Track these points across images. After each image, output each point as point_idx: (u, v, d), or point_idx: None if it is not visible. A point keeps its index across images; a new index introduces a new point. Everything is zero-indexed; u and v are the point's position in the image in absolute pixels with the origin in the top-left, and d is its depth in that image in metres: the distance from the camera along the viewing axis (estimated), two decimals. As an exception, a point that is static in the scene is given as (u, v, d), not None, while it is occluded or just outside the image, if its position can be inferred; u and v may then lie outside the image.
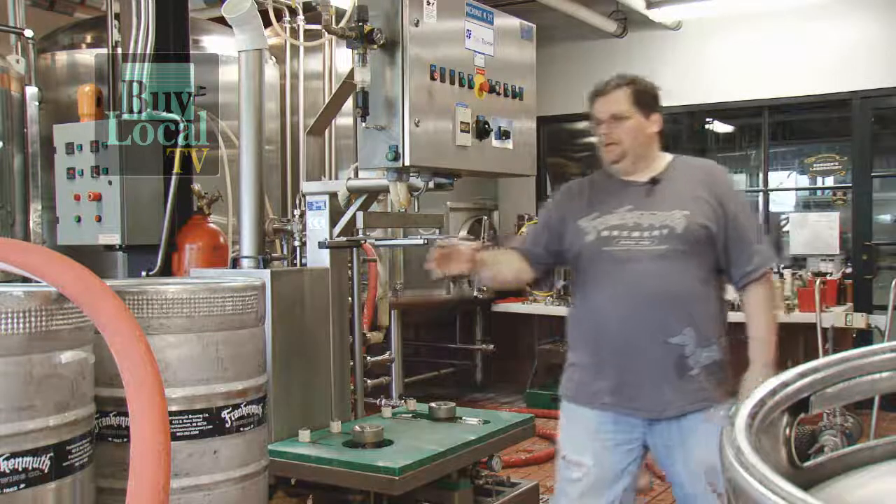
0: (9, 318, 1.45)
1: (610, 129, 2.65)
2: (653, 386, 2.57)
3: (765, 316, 2.66)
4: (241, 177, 3.55)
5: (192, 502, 1.91)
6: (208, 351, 1.94)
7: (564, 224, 2.76)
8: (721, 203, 2.61)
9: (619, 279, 2.60)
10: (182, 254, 3.77)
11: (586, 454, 2.65)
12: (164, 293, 1.92)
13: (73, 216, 3.87)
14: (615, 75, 2.74)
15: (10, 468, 1.45)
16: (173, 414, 1.87)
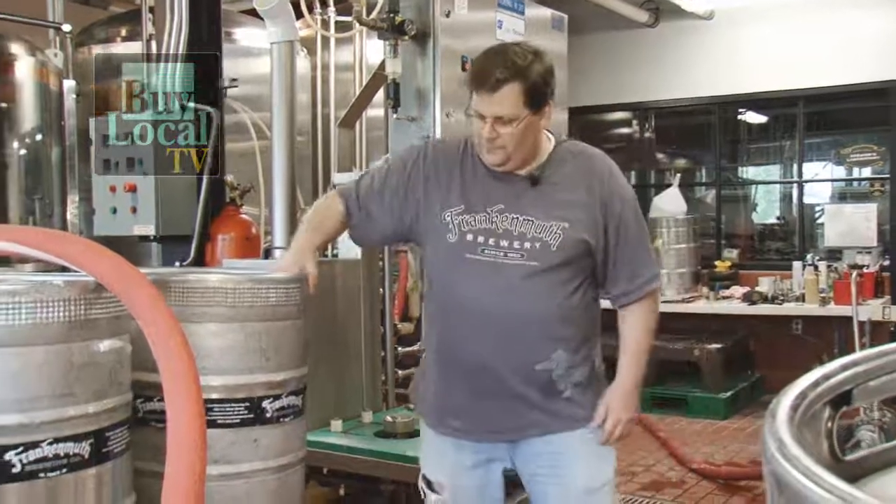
0: (49, 306, 1.47)
1: (494, 131, 2.16)
2: (510, 411, 2.28)
3: (641, 334, 2.36)
4: (273, 168, 3.57)
5: (231, 489, 1.93)
6: (250, 341, 1.94)
7: (422, 204, 2.34)
8: (605, 209, 2.26)
9: (479, 295, 2.24)
10: (215, 244, 3.80)
11: (441, 474, 2.41)
12: (207, 283, 1.93)
13: (108, 207, 3.90)
14: (501, 55, 2.17)
15: (53, 453, 1.48)
16: (215, 402, 1.89)
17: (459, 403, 2.32)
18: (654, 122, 8.58)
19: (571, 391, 2.28)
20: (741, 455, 5.53)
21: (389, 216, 2.37)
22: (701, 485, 4.95)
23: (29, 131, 5.18)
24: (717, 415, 6.48)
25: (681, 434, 6.00)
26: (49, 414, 1.47)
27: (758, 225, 8.59)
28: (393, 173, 2.40)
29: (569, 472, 2.30)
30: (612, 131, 9.13)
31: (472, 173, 2.31)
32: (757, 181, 8.90)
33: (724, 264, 7.57)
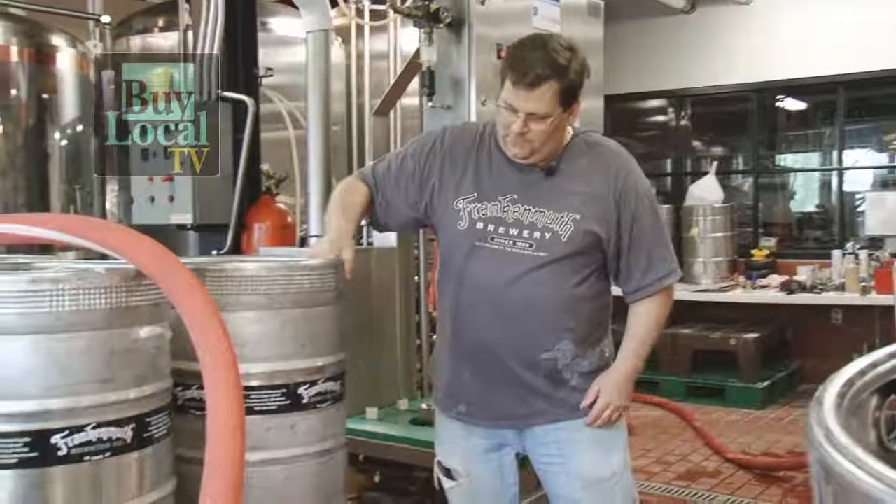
0: (92, 293, 1.49)
1: (525, 126, 2.15)
2: (517, 399, 2.29)
3: (649, 327, 2.34)
4: (308, 157, 3.58)
5: (270, 475, 1.94)
6: (286, 328, 1.95)
7: (436, 192, 2.34)
8: (619, 202, 2.24)
9: (487, 284, 2.25)
10: (251, 233, 3.83)
11: (455, 460, 2.42)
12: (243, 271, 1.94)
13: (146, 197, 3.94)
14: (542, 51, 2.12)
15: (97, 437, 1.50)
16: (252, 389, 1.91)
17: (467, 389, 2.34)
18: (690, 109, 8.49)
19: (578, 380, 2.28)
20: (778, 445, 5.48)
21: (405, 202, 2.38)
22: (737, 475, 4.91)
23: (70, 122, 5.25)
24: (753, 405, 6.42)
25: (717, 424, 5.95)
26: (92, 399, 1.49)
27: (796, 213, 8.47)
28: (409, 159, 2.39)
29: (576, 461, 2.31)
30: (648, 119, 9.05)
31: (488, 161, 2.31)
32: (795, 169, 8.77)
33: (761, 253, 7.47)
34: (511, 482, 2.42)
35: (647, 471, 4.93)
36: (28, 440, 1.45)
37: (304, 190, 3.78)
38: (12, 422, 1.45)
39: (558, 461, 2.32)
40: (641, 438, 5.56)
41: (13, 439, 1.45)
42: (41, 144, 5.14)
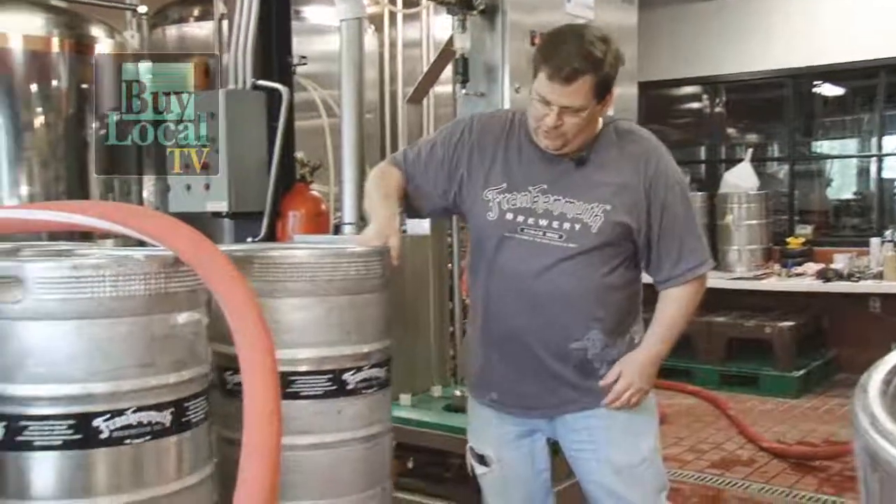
0: (132, 279, 1.51)
1: (559, 120, 2.12)
2: (547, 389, 2.29)
3: (677, 314, 2.30)
4: (342, 145, 3.59)
5: (317, 458, 1.97)
6: (332, 315, 1.97)
7: (465, 181, 2.33)
8: (650, 192, 2.21)
9: (516, 274, 2.24)
10: (285, 220, 3.84)
11: (487, 446, 2.43)
12: (290, 258, 1.96)
13: (182, 185, 3.97)
14: (577, 44, 2.07)
15: (137, 421, 1.52)
16: (298, 374, 1.94)
17: (497, 377, 2.34)
18: (725, 96, 8.40)
19: (607, 369, 2.28)
20: (814, 435, 5.43)
21: (434, 190, 2.37)
22: (772, 464, 4.87)
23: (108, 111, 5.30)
24: (788, 393, 6.36)
25: (751, 413, 5.91)
26: (133, 383, 1.51)
27: (833, 200, 8.36)
28: (438, 147, 2.38)
29: (606, 448, 2.31)
30: (682, 106, 8.96)
31: (517, 150, 2.29)
32: (833, 155, 8.64)
33: (796, 241, 7.38)
34: (542, 468, 2.43)
35: (680, 459, 4.91)
36: (72, 423, 1.48)
37: (337, 178, 3.79)
38: (57, 405, 1.48)
39: (589, 448, 2.32)
40: (675, 427, 5.53)
41: (58, 422, 1.47)
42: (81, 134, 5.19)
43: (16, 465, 1.49)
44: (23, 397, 1.48)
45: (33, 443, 1.48)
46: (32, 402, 1.48)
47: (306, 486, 1.97)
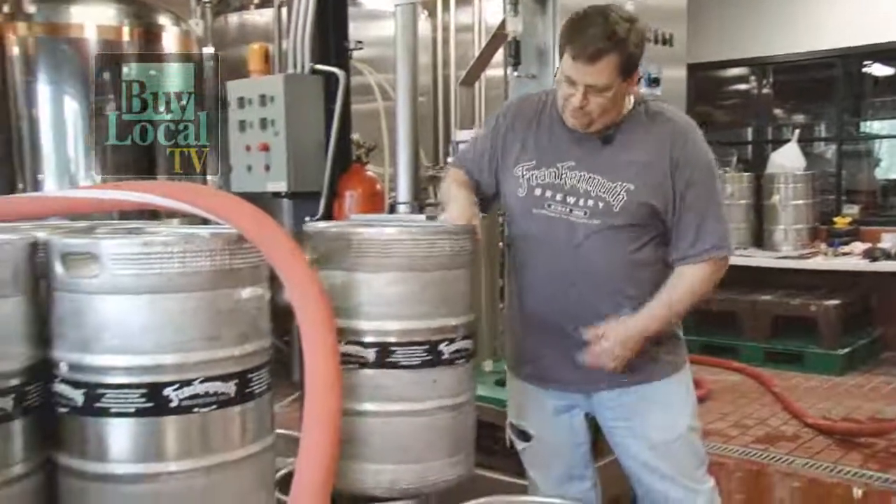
0: (199, 256, 1.53)
1: (585, 99, 2.10)
2: (579, 365, 2.24)
3: (682, 292, 2.20)
4: (397, 127, 3.59)
5: (412, 424, 2.03)
6: (427, 289, 2.00)
7: (500, 164, 2.33)
8: (675, 172, 2.15)
9: (546, 250, 2.22)
10: (342, 200, 3.87)
11: (527, 421, 2.41)
12: (385, 235, 1.99)
13: (244, 166, 4.02)
14: (602, 24, 2.05)
15: (204, 391, 1.54)
16: (396, 345, 1.99)
17: (532, 353, 2.33)
18: (772, 77, 8.22)
19: (644, 344, 2.23)
20: (858, 412, 5.31)
21: (488, 179, 2.37)
22: (816, 440, 4.77)
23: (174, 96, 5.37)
24: (833, 371, 6.22)
25: (795, 390, 5.80)
26: (200, 355, 1.54)
27: (881, 180, 8.13)
28: (483, 139, 2.41)
29: (642, 425, 2.28)
30: (730, 87, 8.78)
31: (548, 129, 2.27)
32: (882, 136, 8.40)
33: (843, 220, 7.21)
34: (581, 442, 2.42)
35: (724, 434, 4.84)
36: (144, 391, 1.50)
37: (392, 159, 3.80)
38: (131, 374, 1.51)
39: (624, 424, 2.30)
40: (719, 402, 5.46)
41: (132, 390, 1.50)
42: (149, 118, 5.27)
43: (95, 429, 1.52)
44: (100, 367, 1.51)
45: (110, 409, 1.51)
46: (108, 372, 1.51)
47: (400, 451, 2.02)
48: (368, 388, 2.01)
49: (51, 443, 1.58)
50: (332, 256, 2.02)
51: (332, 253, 2.02)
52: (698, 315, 6.80)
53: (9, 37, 4.99)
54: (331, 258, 2.02)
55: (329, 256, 2.02)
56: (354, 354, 1.99)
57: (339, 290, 2.00)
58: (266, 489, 1.69)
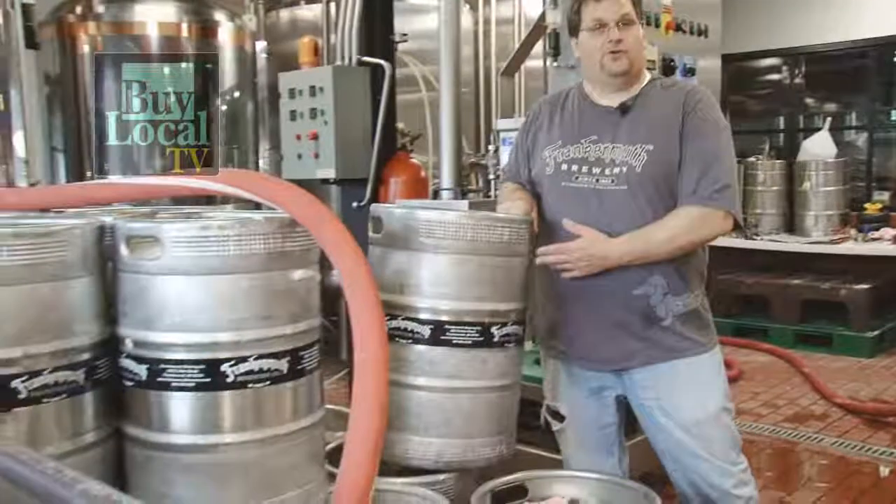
0: (253, 239, 1.53)
1: (621, 32, 2.14)
2: (612, 339, 2.20)
3: (670, 230, 2.11)
4: (440, 116, 3.57)
5: (459, 401, 2.03)
6: (483, 272, 1.99)
7: (533, 150, 2.34)
8: (685, 122, 2.14)
9: (576, 221, 2.16)
10: (388, 186, 3.86)
11: (562, 402, 2.38)
12: (449, 218, 1.98)
13: (294, 154, 4.03)
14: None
15: (258, 367, 1.55)
16: (451, 324, 1.99)
17: (563, 328, 2.29)
18: (804, 67, 8.05)
19: (672, 321, 2.19)
20: (887, 393, 5.21)
21: (530, 174, 2.37)
22: (845, 419, 4.70)
23: (228, 89, 5.42)
24: (862, 353, 6.11)
25: (824, 371, 5.70)
26: (255, 333, 1.54)
27: (912, 168, 7.95)
28: (517, 146, 2.42)
29: (673, 404, 2.23)
30: (763, 77, 8.62)
31: (571, 111, 2.29)
32: (913, 124, 8.20)
33: (874, 206, 7.06)
34: (612, 422, 2.39)
35: (755, 413, 4.79)
36: (202, 367, 1.51)
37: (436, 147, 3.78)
38: (191, 351, 1.52)
39: (655, 403, 2.25)
40: (751, 382, 5.40)
41: (191, 366, 1.51)
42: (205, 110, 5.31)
43: (157, 402, 1.54)
44: (161, 343, 1.52)
45: (171, 384, 1.52)
46: (169, 348, 1.52)
47: (448, 425, 2.02)
48: (421, 363, 2.00)
49: (118, 414, 1.60)
50: (398, 236, 2.01)
51: (396, 233, 2.01)
52: (731, 298, 6.73)
53: (80, 36, 5.06)
54: (396, 238, 2.01)
55: (395, 236, 2.01)
56: (410, 330, 1.99)
57: (400, 268, 2.00)
58: (316, 461, 1.69)
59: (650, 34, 3.25)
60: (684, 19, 3.49)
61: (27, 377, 1.42)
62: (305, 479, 1.63)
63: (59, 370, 1.46)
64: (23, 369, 1.42)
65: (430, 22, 4.03)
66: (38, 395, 1.44)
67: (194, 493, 1.54)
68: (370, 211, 2.12)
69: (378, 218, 2.06)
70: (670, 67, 3.37)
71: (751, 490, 2.30)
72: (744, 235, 6.85)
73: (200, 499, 1.54)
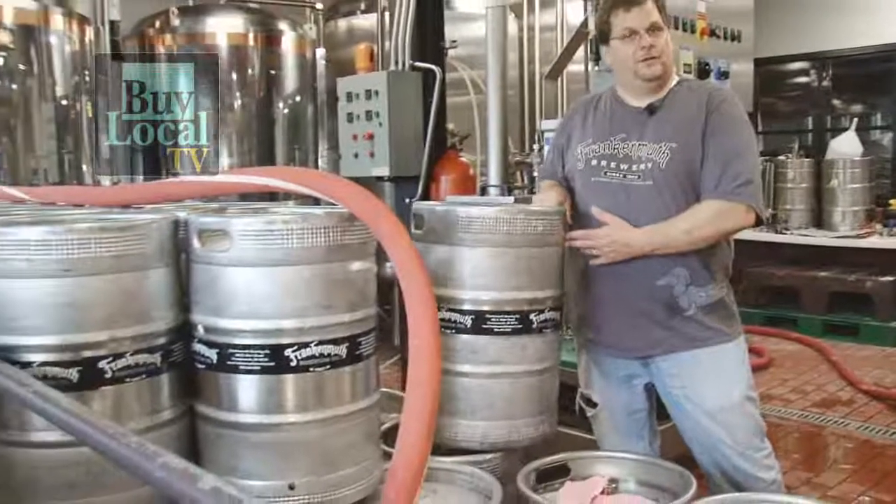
0: (315, 232, 1.52)
1: (652, 40, 2.11)
2: (637, 328, 2.17)
3: (694, 222, 2.06)
4: (488, 118, 3.54)
5: (501, 385, 2.01)
6: (520, 263, 1.97)
7: (567, 148, 2.33)
8: (708, 120, 2.09)
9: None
10: (438, 184, 3.84)
11: (593, 389, 2.36)
12: (486, 214, 1.96)
13: (351, 153, 4.02)
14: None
15: (319, 353, 1.54)
16: (491, 314, 1.97)
17: (592, 316, 2.26)
18: (831, 70, 7.85)
19: (695, 311, 2.15)
20: (912, 381, 5.06)
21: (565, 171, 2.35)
22: (870, 405, 4.58)
23: (290, 93, 5.44)
24: (887, 342, 5.94)
25: (851, 359, 5.55)
26: (316, 321, 1.53)
27: (937, 166, 7.69)
28: (556, 143, 2.40)
29: (697, 392, 2.18)
30: (792, 80, 8.42)
31: (603, 111, 2.28)
32: (938, 123, 7.93)
33: (898, 202, 6.86)
34: (641, 408, 2.36)
35: (784, 398, 4.68)
36: (268, 352, 1.50)
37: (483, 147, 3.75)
38: (257, 337, 1.51)
39: (681, 392, 2.20)
40: (780, 370, 5.28)
41: (257, 351, 1.51)
42: (269, 112, 5.37)
43: (226, 384, 1.53)
44: (230, 329, 1.52)
45: (238, 367, 1.51)
46: (237, 334, 1.51)
47: (492, 408, 2.00)
48: (465, 351, 1.98)
49: (191, 394, 1.60)
50: (440, 232, 1.99)
51: (439, 229, 1.99)
52: (762, 289, 6.61)
53: (158, 47, 5.15)
54: (438, 233, 1.99)
55: (437, 231, 2.00)
56: (453, 320, 1.97)
57: (442, 262, 1.98)
58: (372, 440, 1.68)
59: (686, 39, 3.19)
60: (718, 25, 3.43)
61: (112, 359, 1.44)
62: (362, 457, 1.62)
63: (139, 353, 1.48)
64: (108, 352, 1.44)
65: (477, 29, 3.98)
66: (121, 375, 1.46)
67: (260, 467, 1.54)
68: (413, 209, 2.10)
69: (420, 215, 2.05)
70: (705, 71, 3.31)
71: (774, 474, 2.24)
72: (774, 230, 6.72)
73: (266, 473, 1.54)
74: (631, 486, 2.05)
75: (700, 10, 3.38)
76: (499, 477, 1.90)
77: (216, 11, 5.34)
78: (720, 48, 3.51)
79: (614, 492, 2.02)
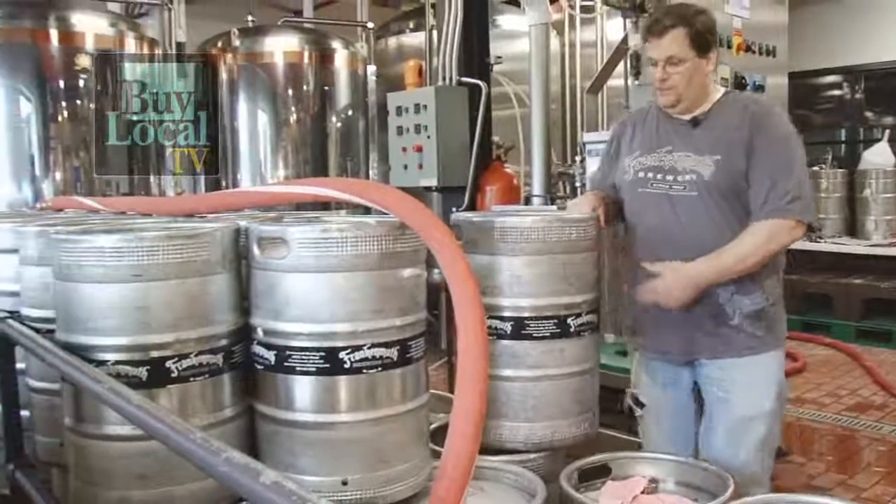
0: (367, 241, 1.51)
1: (666, 73, 2.08)
2: (683, 334, 2.13)
3: (749, 247, 2.00)
4: (531, 130, 3.52)
5: (543, 388, 1.98)
6: (556, 269, 1.94)
7: (616, 158, 2.29)
8: (755, 135, 2.02)
9: (650, 225, 2.14)
10: (484, 194, 3.81)
11: (642, 390, 2.32)
12: (522, 223, 1.94)
13: (401, 165, 4.02)
14: (669, 9, 2.12)
15: (371, 355, 1.52)
16: (530, 319, 1.93)
17: (643, 323, 2.23)
18: (863, 83, 7.64)
19: (740, 319, 2.10)
20: (946, 386, 4.86)
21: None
22: (904, 410, 4.41)
23: (343, 108, 5.48)
24: (920, 348, 5.74)
25: (884, 364, 5.36)
26: (368, 325, 1.51)
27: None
28: (606, 155, 2.37)
29: (732, 398, 2.13)
30: (825, 93, 8.22)
31: (651, 125, 2.23)
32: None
33: (931, 212, 6.62)
34: (687, 411, 2.30)
35: (818, 402, 4.54)
36: (322, 354, 1.49)
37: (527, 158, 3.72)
38: (312, 339, 1.50)
39: (718, 397, 2.16)
40: (815, 374, 5.12)
41: (312, 353, 1.49)
42: (322, 126, 5.41)
43: (284, 384, 1.52)
44: (287, 332, 1.51)
45: (295, 368, 1.50)
46: (294, 337, 1.50)
47: (535, 410, 1.97)
48: (506, 356, 1.95)
49: (251, 393, 1.60)
50: (478, 242, 1.97)
51: (477, 239, 1.97)
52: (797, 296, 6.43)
53: (220, 65, 5.23)
54: (476, 243, 1.97)
55: (475, 242, 1.97)
56: (494, 327, 1.94)
57: (482, 270, 1.95)
58: (422, 440, 1.65)
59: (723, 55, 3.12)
60: (754, 41, 3.37)
61: (177, 359, 1.45)
62: (412, 456, 1.59)
63: (202, 353, 1.48)
64: (174, 352, 1.45)
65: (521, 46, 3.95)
66: (186, 375, 1.47)
67: (315, 464, 1.52)
68: (451, 220, 2.07)
69: (458, 227, 2.02)
70: (741, 85, 3.25)
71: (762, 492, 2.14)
72: (808, 238, 6.55)
73: (320, 469, 1.52)
74: (670, 486, 1.99)
75: (736, 27, 3.33)
76: (542, 476, 1.86)
77: (274, 32, 5.41)
78: (756, 63, 3.45)
79: (654, 492, 1.96)
